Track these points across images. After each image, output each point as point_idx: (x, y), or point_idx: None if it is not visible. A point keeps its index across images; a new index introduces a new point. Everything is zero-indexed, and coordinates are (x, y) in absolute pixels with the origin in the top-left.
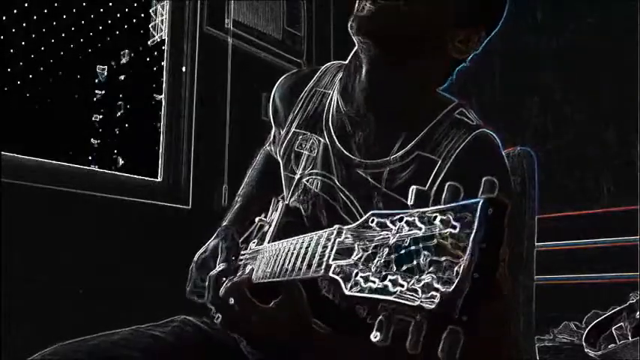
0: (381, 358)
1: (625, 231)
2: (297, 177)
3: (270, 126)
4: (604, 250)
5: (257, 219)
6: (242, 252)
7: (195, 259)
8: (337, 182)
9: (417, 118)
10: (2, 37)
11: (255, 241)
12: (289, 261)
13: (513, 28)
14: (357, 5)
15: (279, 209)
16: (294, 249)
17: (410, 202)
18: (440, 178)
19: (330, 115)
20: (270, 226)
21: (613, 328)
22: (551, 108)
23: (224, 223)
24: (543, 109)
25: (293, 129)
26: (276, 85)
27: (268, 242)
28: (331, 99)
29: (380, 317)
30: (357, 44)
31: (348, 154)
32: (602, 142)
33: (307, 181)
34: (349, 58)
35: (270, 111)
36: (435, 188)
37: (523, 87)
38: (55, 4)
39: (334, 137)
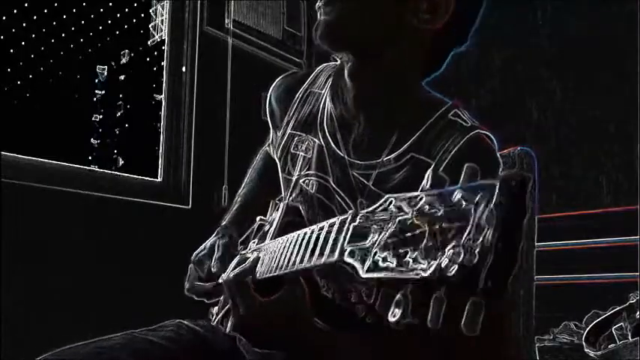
0: (379, 355)
1: (625, 231)
2: (293, 179)
3: (270, 126)
4: (604, 250)
5: (258, 218)
6: (242, 251)
7: (193, 256)
8: (332, 183)
9: (410, 118)
10: (2, 37)
11: (256, 240)
12: (297, 252)
13: (513, 28)
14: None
15: (279, 210)
16: (302, 239)
17: (427, 185)
18: None
19: (325, 117)
20: (271, 225)
21: (613, 328)
22: (551, 108)
23: (223, 223)
24: (543, 108)
25: (289, 130)
26: (272, 86)
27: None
28: (325, 100)
29: (398, 296)
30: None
31: (342, 155)
32: (602, 142)
33: (303, 182)
34: (338, 62)
35: (267, 112)
36: None
37: (523, 87)
38: (55, 4)
39: (329, 138)
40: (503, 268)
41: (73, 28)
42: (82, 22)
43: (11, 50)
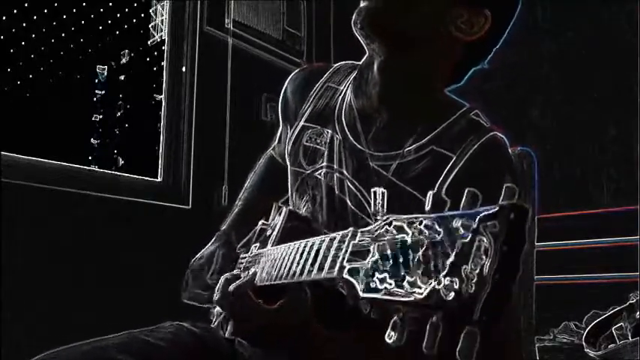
0: (380, 356)
1: (625, 231)
2: (307, 171)
3: (271, 126)
4: (604, 250)
5: (260, 222)
6: (242, 256)
7: (191, 263)
8: (348, 175)
9: (433, 114)
10: (2, 37)
11: (257, 244)
12: (297, 263)
13: (514, 28)
14: None
15: (282, 214)
16: (303, 251)
17: (427, 207)
18: (453, 174)
19: (343, 110)
20: (273, 230)
21: (613, 328)
22: (552, 108)
23: (223, 227)
24: (543, 109)
25: (303, 123)
26: (288, 79)
27: (271, 246)
28: (344, 95)
29: (395, 318)
30: (361, 40)
31: (360, 147)
32: (602, 142)
33: (318, 174)
34: (363, 58)
35: (279, 105)
36: (447, 183)
37: (523, 87)
38: (55, 4)
39: (346, 131)
40: (499, 300)
41: (73, 28)
42: (82, 22)
43: (11, 50)
